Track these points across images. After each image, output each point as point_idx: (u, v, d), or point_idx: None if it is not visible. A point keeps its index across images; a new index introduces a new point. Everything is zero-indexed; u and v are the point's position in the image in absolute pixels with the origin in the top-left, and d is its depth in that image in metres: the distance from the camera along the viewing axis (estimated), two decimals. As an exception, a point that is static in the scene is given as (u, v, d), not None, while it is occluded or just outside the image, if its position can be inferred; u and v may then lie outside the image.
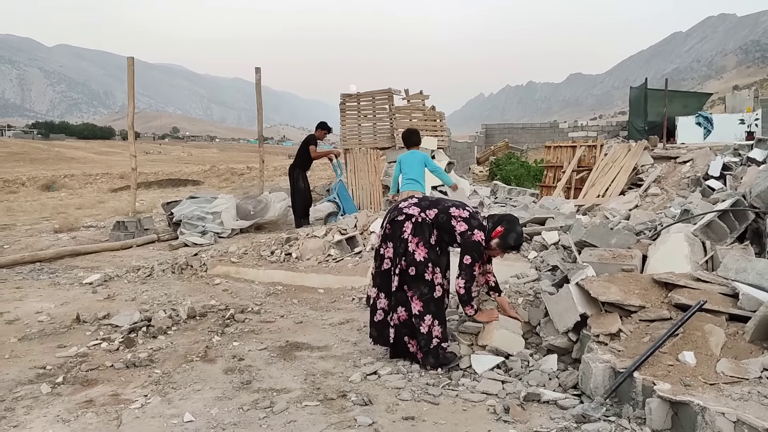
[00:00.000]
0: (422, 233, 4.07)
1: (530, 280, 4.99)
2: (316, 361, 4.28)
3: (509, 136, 29.32)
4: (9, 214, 15.38)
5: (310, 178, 11.49)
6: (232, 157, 64.86)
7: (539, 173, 17.10)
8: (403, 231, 4.08)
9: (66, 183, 28.53)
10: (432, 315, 4.02)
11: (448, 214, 4.12)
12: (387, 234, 4.19)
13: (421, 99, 12.86)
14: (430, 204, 4.20)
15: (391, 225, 4.17)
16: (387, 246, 4.18)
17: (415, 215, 4.10)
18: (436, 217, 4.11)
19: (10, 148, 62.48)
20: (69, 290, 6.55)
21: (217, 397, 3.62)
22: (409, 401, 3.52)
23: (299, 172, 10.50)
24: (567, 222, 6.07)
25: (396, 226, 4.14)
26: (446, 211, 4.13)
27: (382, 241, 4.23)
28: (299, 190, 10.40)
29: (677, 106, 20.89)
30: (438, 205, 4.20)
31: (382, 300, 4.22)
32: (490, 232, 4.13)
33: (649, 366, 3.28)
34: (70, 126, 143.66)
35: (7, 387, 3.83)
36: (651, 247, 4.83)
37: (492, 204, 9.91)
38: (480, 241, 4.05)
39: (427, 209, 4.14)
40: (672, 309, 3.79)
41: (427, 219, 4.10)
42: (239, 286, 6.64)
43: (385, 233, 4.22)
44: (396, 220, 4.15)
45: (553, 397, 3.46)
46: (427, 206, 4.17)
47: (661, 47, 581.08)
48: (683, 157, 10.14)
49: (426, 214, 4.11)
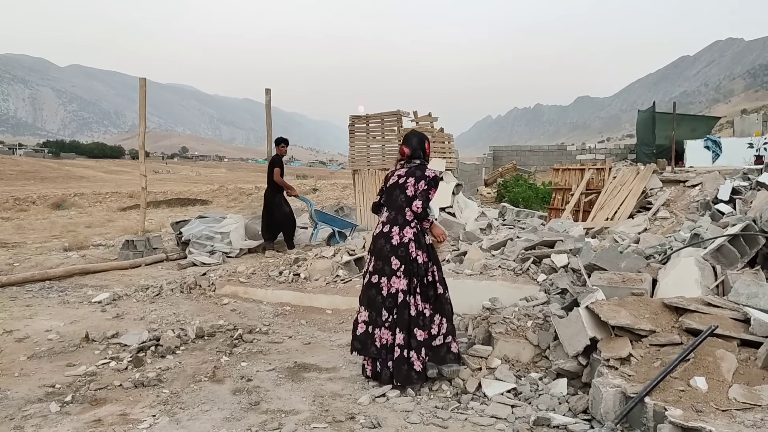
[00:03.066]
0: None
1: (539, 303, 4.97)
2: (324, 383, 4.27)
3: (517, 158, 29.37)
4: (19, 232, 15.46)
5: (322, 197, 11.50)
6: (240, 177, 65.12)
7: (547, 195, 17.10)
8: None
9: (76, 202, 28.65)
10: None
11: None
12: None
13: (430, 121, 12.90)
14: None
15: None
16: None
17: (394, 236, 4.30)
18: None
19: (21, 166, 63.01)
20: (78, 309, 6.57)
21: (226, 418, 3.61)
22: (417, 424, 3.50)
23: (281, 197, 10.33)
24: (576, 245, 6.05)
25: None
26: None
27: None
28: (286, 215, 10.27)
29: (685, 129, 20.91)
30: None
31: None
32: (426, 158, 4.51)
33: (660, 391, 3.26)
34: (80, 145, 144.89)
35: (16, 405, 3.84)
36: (661, 271, 4.81)
37: (500, 226, 9.89)
38: (429, 175, 4.32)
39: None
40: (683, 334, 3.77)
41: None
42: (247, 306, 6.64)
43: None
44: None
45: (563, 422, 3.44)
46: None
47: (668, 71, 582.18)
48: (692, 180, 10.11)
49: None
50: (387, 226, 4.33)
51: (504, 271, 5.94)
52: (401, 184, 4.37)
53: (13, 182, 47.65)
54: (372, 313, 4.25)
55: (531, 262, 5.94)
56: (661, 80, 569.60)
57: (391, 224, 4.31)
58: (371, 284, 4.30)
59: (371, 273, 4.33)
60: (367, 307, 4.30)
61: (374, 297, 4.26)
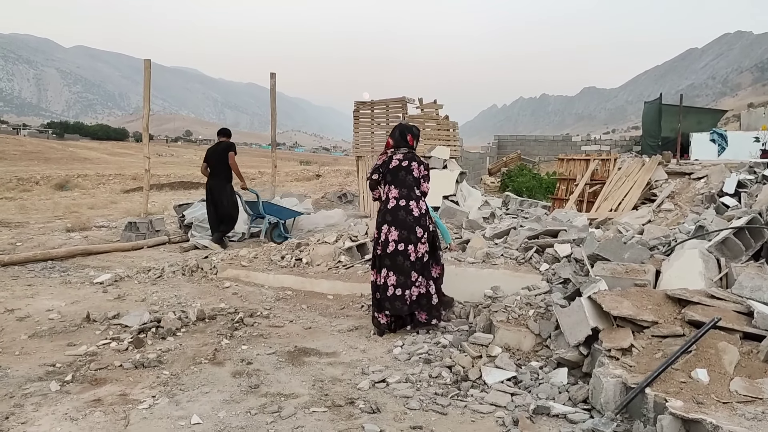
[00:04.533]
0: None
1: (541, 292, 4.95)
2: (324, 368, 4.27)
3: (521, 147, 29.27)
4: (22, 212, 15.50)
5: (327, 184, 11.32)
6: (243, 162, 64.87)
7: (551, 186, 17.05)
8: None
9: (79, 183, 28.72)
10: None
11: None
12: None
13: (435, 108, 12.85)
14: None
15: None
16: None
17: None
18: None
19: (25, 146, 62.97)
20: (80, 289, 6.58)
21: (225, 400, 3.62)
22: (417, 410, 3.49)
23: (232, 187, 9.69)
24: (579, 235, 6.02)
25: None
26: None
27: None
28: (231, 204, 9.58)
29: (691, 122, 20.80)
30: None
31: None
32: (410, 147, 5.14)
33: (661, 382, 3.24)
34: (84, 126, 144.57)
35: (16, 384, 3.85)
36: (665, 262, 4.79)
37: (503, 215, 9.86)
38: (419, 164, 5.10)
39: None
40: (685, 325, 3.75)
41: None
42: (249, 290, 6.63)
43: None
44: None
45: (562, 411, 3.43)
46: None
47: (676, 63, 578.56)
48: (698, 173, 10.05)
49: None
50: (403, 200, 4.99)
51: (506, 259, 5.92)
52: (405, 167, 5.05)
53: (17, 162, 47.68)
54: (401, 277, 4.89)
55: (534, 251, 5.92)
56: (668, 72, 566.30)
57: (407, 199, 4.99)
58: (397, 252, 4.92)
59: (396, 242, 4.93)
60: (395, 272, 4.91)
61: (402, 263, 4.90)
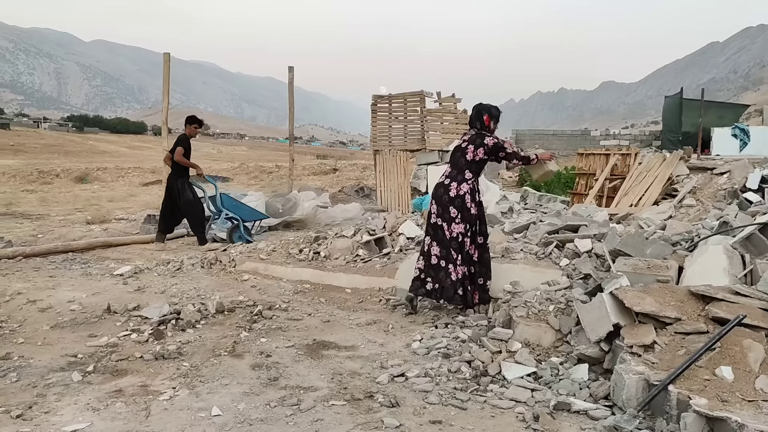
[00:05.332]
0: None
1: (562, 287, 4.91)
2: (343, 361, 4.27)
3: (540, 142, 29.03)
4: (43, 204, 15.68)
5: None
6: (261, 156, 65.31)
7: (570, 180, 16.90)
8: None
9: (99, 176, 28.98)
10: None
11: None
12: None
13: (453, 102, 12.80)
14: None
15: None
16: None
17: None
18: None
19: (45, 140, 63.73)
20: (100, 281, 6.64)
21: (245, 393, 3.63)
22: (436, 405, 3.48)
23: (184, 182, 8.92)
24: (600, 230, 5.96)
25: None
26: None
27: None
28: (190, 202, 8.90)
29: (712, 117, 20.47)
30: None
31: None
32: (485, 128, 5.32)
33: (685, 380, 3.20)
34: (103, 120, 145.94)
35: (39, 374, 3.89)
36: (687, 258, 4.72)
37: (521, 210, 9.79)
38: (489, 144, 5.23)
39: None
40: (709, 322, 3.69)
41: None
42: (267, 283, 6.65)
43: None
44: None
45: (583, 407, 3.40)
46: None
47: (697, 57, 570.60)
48: (720, 168, 9.91)
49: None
50: (447, 179, 5.28)
51: (526, 254, 5.88)
52: (463, 149, 5.32)
53: (37, 155, 48.25)
54: (443, 250, 5.16)
55: (554, 246, 5.87)
56: (688, 66, 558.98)
57: (451, 179, 5.25)
58: (436, 225, 5.23)
59: (435, 215, 5.25)
60: (438, 244, 5.19)
61: (442, 236, 5.18)
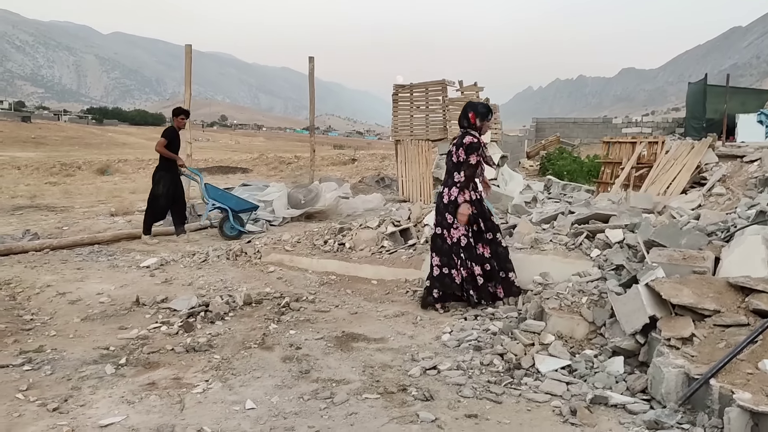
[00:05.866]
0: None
1: (593, 279, 4.82)
2: (373, 353, 4.24)
3: (560, 130, 28.75)
4: (67, 196, 15.82)
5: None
6: (279, 146, 65.36)
7: (593, 169, 16.70)
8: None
9: (120, 167, 29.16)
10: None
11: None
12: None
13: (475, 91, 12.67)
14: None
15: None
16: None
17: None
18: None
19: (66, 132, 64.30)
20: (127, 273, 6.66)
21: (277, 386, 3.61)
22: (471, 398, 3.44)
23: (164, 174, 8.83)
24: (632, 220, 5.85)
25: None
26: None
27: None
28: (156, 195, 8.79)
29: (735, 103, 20.09)
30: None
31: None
32: (471, 126, 5.21)
33: (727, 373, 3.12)
34: (122, 112, 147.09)
35: (72, 366, 3.91)
36: (724, 249, 4.61)
37: (545, 199, 9.70)
38: (465, 142, 5.13)
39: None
40: (749, 314, 3.60)
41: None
42: (293, 275, 6.63)
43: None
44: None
45: (621, 401, 3.34)
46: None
47: (719, 42, 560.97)
48: (750, 156, 9.68)
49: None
50: (441, 186, 5.35)
51: (555, 245, 5.79)
52: (450, 153, 5.29)
53: (58, 147, 48.68)
54: (443, 258, 5.22)
55: (584, 237, 5.77)
56: (710, 52, 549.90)
57: (444, 185, 5.30)
58: (437, 235, 5.31)
59: (435, 225, 5.34)
60: (437, 253, 5.27)
61: (441, 245, 5.24)
